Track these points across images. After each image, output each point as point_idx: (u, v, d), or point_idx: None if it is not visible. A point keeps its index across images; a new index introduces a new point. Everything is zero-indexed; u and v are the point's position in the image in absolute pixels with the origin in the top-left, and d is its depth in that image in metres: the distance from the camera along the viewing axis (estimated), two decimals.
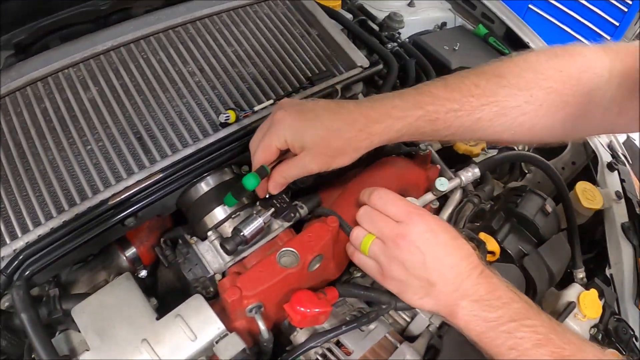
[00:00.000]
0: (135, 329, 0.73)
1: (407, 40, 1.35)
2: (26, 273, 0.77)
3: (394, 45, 1.25)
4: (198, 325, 0.73)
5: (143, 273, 0.93)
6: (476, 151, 1.16)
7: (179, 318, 0.73)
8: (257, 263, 0.78)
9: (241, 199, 0.84)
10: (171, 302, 0.78)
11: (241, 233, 0.79)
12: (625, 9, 2.86)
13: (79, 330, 0.74)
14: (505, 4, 1.50)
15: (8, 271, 0.76)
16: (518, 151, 1.24)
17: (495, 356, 0.69)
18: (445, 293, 0.73)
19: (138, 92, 0.95)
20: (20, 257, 0.77)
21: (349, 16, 1.29)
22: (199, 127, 0.94)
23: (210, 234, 0.84)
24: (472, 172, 0.99)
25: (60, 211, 0.83)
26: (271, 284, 0.75)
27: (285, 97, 0.99)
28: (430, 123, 0.78)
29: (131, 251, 0.92)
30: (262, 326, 0.74)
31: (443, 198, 0.99)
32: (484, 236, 0.98)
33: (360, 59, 1.10)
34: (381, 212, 0.77)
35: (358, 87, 1.11)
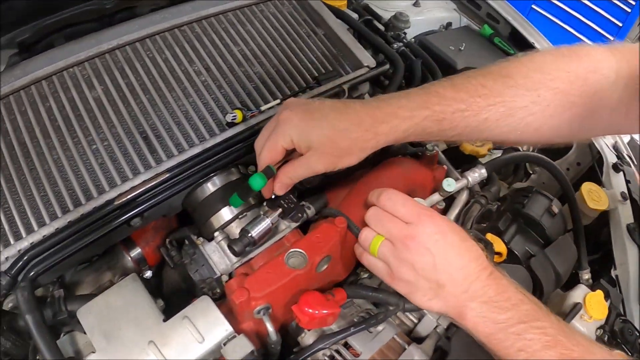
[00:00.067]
0: (142, 331, 0.72)
1: (413, 40, 1.35)
2: (31, 274, 0.76)
3: (400, 45, 1.25)
4: (206, 327, 0.72)
5: (148, 274, 0.93)
6: (483, 152, 1.15)
7: (187, 320, 0.73)
8: (265, 264, 0.77)
9: (247, 200, 0.83)
10: (176, 303, 0.78)
11: (249, 234, 0.78)
12: (628, 10, 2.85)
13: (85, 331, 0.73)
14: (510, 4, 1.49)
15: (12, 272, 0.76)
16: (524, 152, 1.24)
17: (504, 357, 0.69)
18: (454, 294, 0.72)
19: (144, 91, 0.95)
20: (24, 258, 0.76)
21: (355, 16, 1.28)
22: (206, 127, 0.93)
23: (217, 235, 0.83)
24: (479, 173, 0.99)
25: (65, 211, 0.82)
26: (279, 285, 0.74)
27: (291, 97, 0.99)
28: (436, 123, 0.78)
29: (136, 252, 0.92)
30: (270, 328, 0.74)
31: (449, 199, 0.99)
32: (491, 237, 0.98)
33: (366, 59, 1.10)
34: (390, 213, 0.76)
35: (365, 87, 1.10)
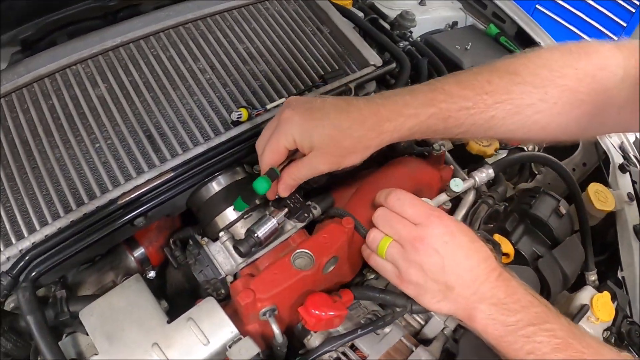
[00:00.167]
0: (145, 333, 0.71)
1: (419, 39, 1.34)
2: (32, 274, 0.75)
3: (406, 44, 1.23)
4: (211, 328, 0.71)
5: (151, 274, 0.92)
6: (489, 151, 1.14)
7: (191, 321, 0.72)
8: (271, 265, 0.76)
9: (251, 203, 0.82)
10: (180, 304, 0.78)
11: (255, 234, 0.77)
12: (632, 10, 2.84)
13: (87, 333, 0.72)
14: (516, 4, 1.48)
15: (14, 272, 0.75)
16: (531, 152, 1.23)
17: None
18: (463, 296, 0.72)
19: (148, 89, 0.94)
20: (26, 258, 0.75)
21: (360, 14, 1.27)
22: (210, 125, 0.93)
23: (221, 235, 0.82)
24: (487, 173, 0.99)
25: (67, 211, 0.81)
26: (285, 287, 0.73)
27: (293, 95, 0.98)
28: (442, 121, 0.76)
29: (140, 252, 0.91)
30: (277, 330, 0.72)
31: (456, 199, 0.98)
32: (499, 238, 0.97)
33: (373, 58, 1.09)
34: (398, 214, 0.75)
35: (371, 86, 1.09)
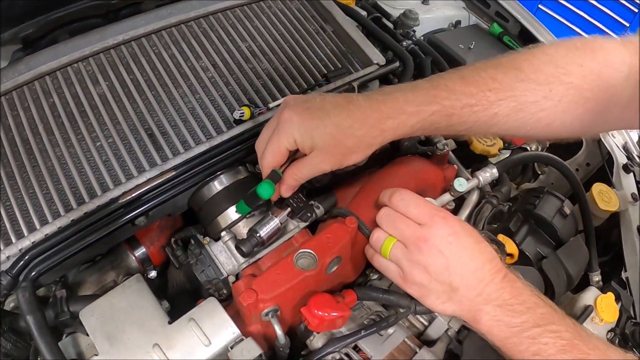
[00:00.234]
0: (146, 333, 0.70)
1: (422, 38, 1.33)
2: (32, 274, 0.74)
3: (409, 43, 1.23)
4: (212, 329, 0.70)
5: (153, 274, 0.91)
6: (493, 151, 1.13)
7: (193, 322, 0.71)
8: (274, 265, 0.75)
9: (254, 207, 0.80)
10: (182, 304, 0.77)
11: (257, 234, 0.76)
12: (635, 10, 2.83)
13: (87, 333, 0.71)
14: (519, 3, 1.48)
15: (14, 271, 0.74)
16: (535, 152, 1.22)
17: None
18: (468, 298, 0.71)
19: (149, 88, 0.93)
20: (26, 257, 0.75)
21: (363, 13, 1.27)
22: (212, 124, 0.92)
23: (223, 235, 0.81)
24: (490, 173, 0.98)
25: (68, 209, 0.81)
26: (288, 287, 0.72)
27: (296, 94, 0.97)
28: (445, 118, 0.75)
29: (141, 251, 0.90)
30: (279, 331, 0.72)
31: (459, 199, 0.97)
32: (503, 238, 0.97)
33: (376, 56, 1.08)
34: (402, 214, 0.75)
35: (374, 85, 1.09)
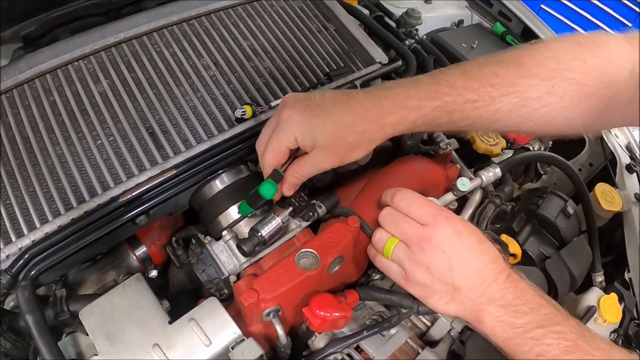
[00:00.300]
0: (146, 333, 0.70)
1: (425, 37, 1.32)
2: (32, 273, 0.74)
3: (412, 42, 1.22)
4: (213, 329, 0.70)
5: (153, 273, 0.90)
6: (496, 151, 1.12)
7: (193, 322, 0.70)
8: (275, 264, 0.75)
9: (257, 207, 0.79)
10: (182, 304, 0.76)
11: (259, 234, 0.75)
12: (638, 10, 2.82)
13: (87, 333, 0.71)
14: (522, 2, 1.47)
15: (13, 270, 0.74)
16: (538, 151, 1.21)
17: None
18: (471, 298, 0.70)
19: (151, 86, 0.93)
20: (26, 256, 0.74)
21: (366, 12, 1.26)
22: (214, 123, 0.91)
23: (224, 234, 0.81)
24: (494, 172, 0.98)
25: (68, 208, 0.81)
26: (290, 287, 0.72)
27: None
28: (446, 114, 0.74)
29: (141, 250, 0.90)
30: (280, 331, 0.71)
31: (462, 199, 0.97)
32: (506, 238, 0.97)
33: (379, 55, 1.08)
34: (405, 214, 0.74)
35: (377, 84, 1.08)
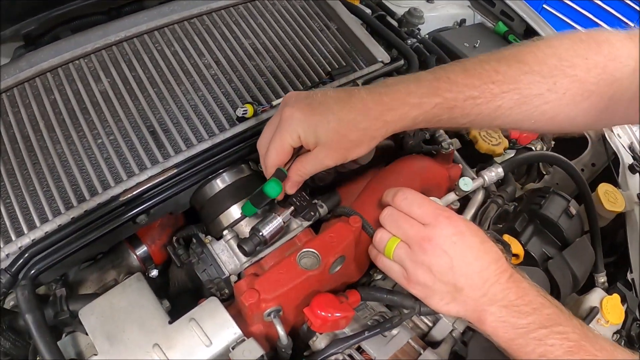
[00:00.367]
0: (146, 333, 0.70)
1: (427, 36, 1.32)
2: (32, 272, 0.74)
3: (414, 41, 1.22)
4: (213, 329, 0.70)
5: (154, 273, 0.90)
6: (499, 150, 1.12)
7: (193, 322, 0.70)
8: (276, 264, 0.74)
9: (261, 207, 0.79)
10: (183, 304, 0.76)
11: (260, 233, 0.75)
12: None
13: (87, 332, 0.71)
14: (524, 2, 1.46)
15: (13, 270, 0.73)
16: (540, 151, 1.21)
17: None
18: (473, 298, 0.70)
19: (151, 85, 0.93)
20: (25, 255, 0.74)
21: (368, 11, 1.26)
22: (215, 122, 0.91)
23: (225, 233, 0.81)
24: (496, 172, 0.98)
25: (68, 207, 0.80)
26: (291, 287, 0.71)
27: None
28: (447, 111, 0.74)
29: (142, 250, 0.90)
30: (281, 331, 0.71)
31: (464, 199, 0.97)
32: (508, 238, 0.95)
33: (381, 54, 1.07)
34: (406, 214, 0.74)
35: None
